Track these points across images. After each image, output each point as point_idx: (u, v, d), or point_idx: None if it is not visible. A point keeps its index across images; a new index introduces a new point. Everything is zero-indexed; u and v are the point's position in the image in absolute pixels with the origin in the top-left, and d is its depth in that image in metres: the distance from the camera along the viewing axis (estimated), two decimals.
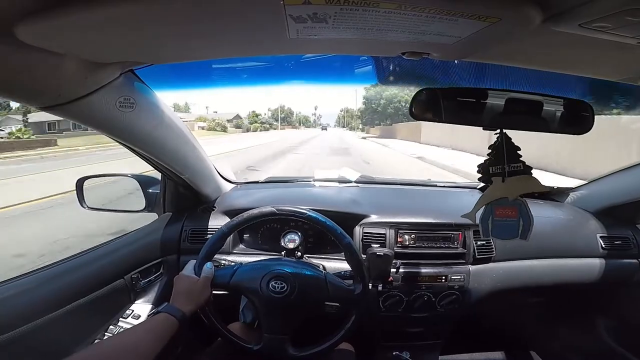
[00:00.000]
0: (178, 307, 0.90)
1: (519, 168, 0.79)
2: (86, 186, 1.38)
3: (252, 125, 57.90)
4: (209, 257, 1.04)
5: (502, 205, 0.81)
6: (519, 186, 0.80)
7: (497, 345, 1.68)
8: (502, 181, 0.80)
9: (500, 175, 0.80)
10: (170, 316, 0.87)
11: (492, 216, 0.82)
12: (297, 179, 1.83)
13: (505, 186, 0.80)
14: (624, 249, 1.45)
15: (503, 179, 0.80)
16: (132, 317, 1.16)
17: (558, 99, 0.77)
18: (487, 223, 0.82)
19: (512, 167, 0.79)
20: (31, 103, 0.74)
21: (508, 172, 0.79)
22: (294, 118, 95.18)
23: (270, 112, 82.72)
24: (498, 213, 0.81)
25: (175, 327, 0.86)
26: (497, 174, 0.80)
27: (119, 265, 1.15)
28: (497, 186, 0.80)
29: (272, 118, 78.68)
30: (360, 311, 1.03)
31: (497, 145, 0.80)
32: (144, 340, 0.80)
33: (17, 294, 0.89)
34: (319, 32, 0.58)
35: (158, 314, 0.88)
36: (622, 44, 0.56)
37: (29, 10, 0.47)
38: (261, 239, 1.41)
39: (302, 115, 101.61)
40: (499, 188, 0.80)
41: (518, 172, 0.80)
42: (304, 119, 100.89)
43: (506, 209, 0.81)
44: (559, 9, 0.49)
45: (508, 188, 0.80)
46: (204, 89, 15.62)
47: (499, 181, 0.80)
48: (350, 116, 78.00)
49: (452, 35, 0.58)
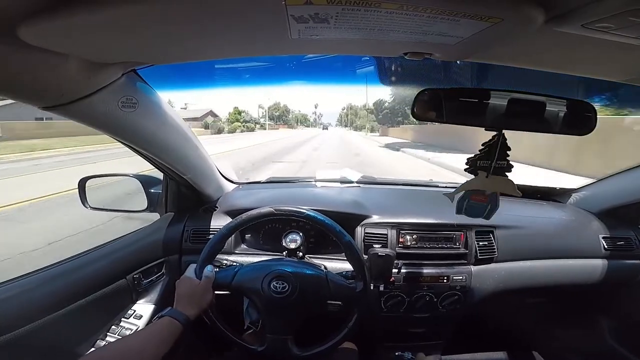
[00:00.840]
0: (181, 311, 0.90)
1: (503, 165, 0.84)
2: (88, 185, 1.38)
3: (232, 125, 46.42)
4: (210, 259, 1.04)
5: (477, 194, 0.90)
6: (498, 185, 0.87)
7: (499, 345, 1.67)
8: (486, 176, 0.85)
9: (486, 170, 0.84)
10: (174, 320, 0.87)
11: (468, 199, 0.91)
12: (298, 179, 1.83)
13: (488, 181, 0.85)
14: (626, 249, 1.45)
15: (487, 175, 0.84)
16: (134, 317, 1.16)
17: (561, 100, 0.77)
18: (463, 203, 0.92)
19: (498, 164, 0.83)
20: (34, 103, 0.74)
21: (493, 169, 0.83)
22: (291, 116, 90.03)
23: (263, 110, 78.17)
24: (473, 198, 0.91)
25: (179, 330, 0.86)
26: (483, 168, 0.84)
27: (120, 266, 1.15)
28: (480, 179, 0.85)
29: (267, 116, 75.52)
30: (362, 308, 1.03)
31: (492, 144, 0.82)
32: (148, 344, 0.80)
33: (19, 294, 0.89)
34: (321, 33, 0.58)
35: (162, 317, 0.88)
36: (625, 45, 0.55)
37: (31, 10, 0.47)
38: (263, 239, 1.41)
39: (300, 113, 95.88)
40: (481, 181, 0.86)
41: (502, 168, 0.84)
42: (302, 117, 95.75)
43: (480, 195, 0.90)
44: (562, 9, 0.49)
45: (489, 183, 0.86)
46: (206, 89, 15.66)
47: (483, 175, 0.85)
48: (354, 114, 73.93)
49: (454, 35, 0.57)
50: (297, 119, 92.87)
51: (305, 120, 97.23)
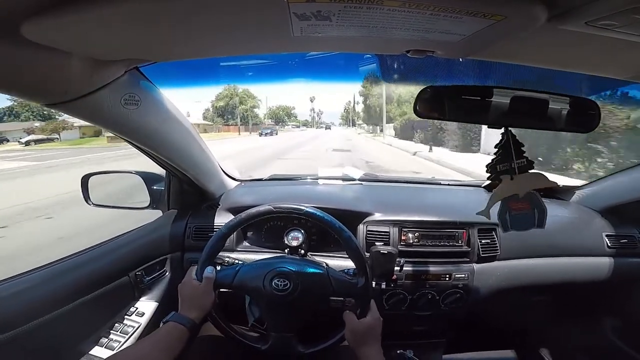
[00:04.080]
0: (185, 315, 0.90)
1: (524, 163, 0.81)
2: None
3: None
4: (210, 259, 1.04)
5: (515, 200, 0.84)
6: (528, 182, 0.82)
7: (502, 343, 1.67)
8: (511, 179, 0.81)
9: (509, 173, 0.81)
10: (179, 325, 0.87)
11: (509, 211, 0.85)
12: (301, 177, 1.83)
13: (515, 183, 0.81)
14: (630, 247, 1.45)
15: (512, 177, 0.81)
16: (137, 315, 1.17)
17: (564, 97, 0.76)
18: (506, 218, 0.85)
19: (519, 163, 0.80)
20: (37, 100, 0.74)
21: (516, 169, 0.80)
22: (266, 113, 58.36)
23: (214, 105, 51.49)
24: (514, 207, 0.84)
25: (185, 335, 0.87)
26: (505, 171, 0.81)
27: (123, 263, 1.16)
28: (507, 183, 0.81)
29: (216, 114, 50.80)
30: (364, 304, 1.03)
31: (503, 144, 0.80)
32: (155, 351, 0.81)
33: (22, 292, 0.90)
34: (323, 30, 0.58)
35: (166, 323, 0.88)
36: (629, 42, 0.55)
37: (35, 8, 0.48)
38: (265, 237, 1.41)
39: (282, 108, 61.70)
40: (509, 185, 0.81)
41: (524, 167, 0.81)
42: (285, 113, 63.00)
43: (519, 202, 0.84)
44: (565, 7, 0.49)
45: (518, 185, 0.81)
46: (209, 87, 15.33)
47: (508, 179, 0.81)
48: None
49: (457, 33, 0.57)
50: (276, 117, 57.29)
51: (289, 115, 66.41)
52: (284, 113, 62.40)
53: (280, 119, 59.38)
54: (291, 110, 62.72)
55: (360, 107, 36.59)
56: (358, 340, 0.95)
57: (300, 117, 69.55)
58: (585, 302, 1.65)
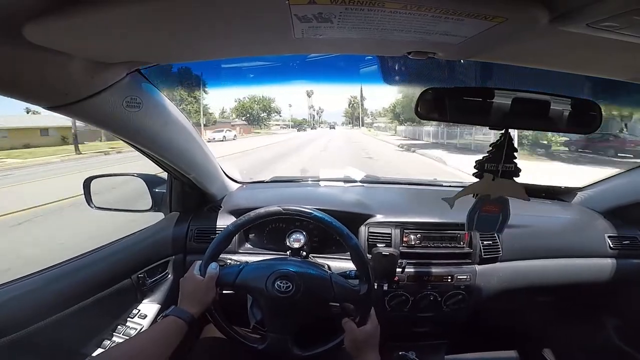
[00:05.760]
0: (185, 309, 0.90)
1: (510, 169, 0.82)
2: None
3: None
4: (215, 256, 1.04)
5: (487, 202, 0.86)
6: (506, 188, 0.83)
7: (504, 344, 1.67)
8: (493, 179, 0.82)
9: (493, 173, 0.82)
10: (178, 319, 0.87)
11: (478, 211, 0.87)
12: (302, 179, 1.83)
13: (494, 185, 0.82)
14: (632, 249, 1.44)
15: (494, 178, 0.82)
16: (139, 317, 1.17)
17: (565, 99, 0.76)
18: (473, 217, 0.88)
19: (506, 167, 0.81)
20: (38, 103, 0.74)
21: (501, 172, 0.81)
22: (232, 108, 39.63)
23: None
24: (484, 209, 0.87)
25: (184, 329, 0.87)
26: (490, 171, 0.82)
27: (125, 265, 1.16)
28: (485, 182, 0.83)
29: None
30: (365, 312, 1.03)
31: (499, 144, 0.81)
32: (154, 344, 0.81)
33: (24, 294, 0.90)
34: (324, 32, 0.58)
35: (166, 317, 0.88)
36: (630, 44, 0.55)
37: (37, 11, 0.48)
38: (267, 239, 1.41)
39: (257, 100, 40.06)
40: (487, 185, 0.83)
41: (510, 172, 0.82)
42: (262, 108, 40.62)
43: (490, 205, 0.86)
44: (566, 8, 0.49)
45: (495, 187, 0.83)
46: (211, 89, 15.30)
47: (489, 178, 0.82)
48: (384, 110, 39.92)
49: (458, 35, 0.57)
50: (258, 118, 40.52)
51: (271, 111, 42.78)
52: (260, 107, 41.78)
53: (255, 118, 41.05)
54: (271, 103, 42.48)
55: (397, 99, 26.56)
56: (358, 348, 0.95)
57: (296, 115, 54.74)
58: (588, 304, 1.65)
